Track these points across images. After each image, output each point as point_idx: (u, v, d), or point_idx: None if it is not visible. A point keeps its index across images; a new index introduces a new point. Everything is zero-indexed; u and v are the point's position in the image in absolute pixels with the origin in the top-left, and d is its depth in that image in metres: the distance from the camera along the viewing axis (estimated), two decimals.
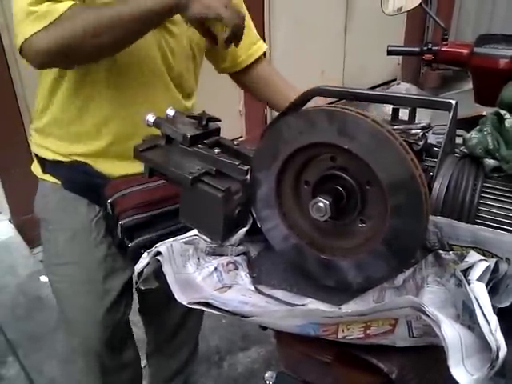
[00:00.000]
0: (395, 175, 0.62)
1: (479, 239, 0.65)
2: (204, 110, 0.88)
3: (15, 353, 1.91)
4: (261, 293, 0.76)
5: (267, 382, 0.80)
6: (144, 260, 0.76)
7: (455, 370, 0.50)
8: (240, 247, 0.82)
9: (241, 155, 0.81)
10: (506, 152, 0.69)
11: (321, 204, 0.66)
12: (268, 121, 3.34)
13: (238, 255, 0.82)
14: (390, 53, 1.35)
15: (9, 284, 2.23)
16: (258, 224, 0.80)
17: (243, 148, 0.83)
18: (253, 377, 1.91)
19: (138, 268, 0.76)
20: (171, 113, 0.87)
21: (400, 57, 4.01)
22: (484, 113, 1.03)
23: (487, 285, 0.58)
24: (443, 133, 0.72)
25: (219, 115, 0.87)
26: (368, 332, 0.59)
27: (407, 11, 1.39)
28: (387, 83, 4.33)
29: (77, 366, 1.35)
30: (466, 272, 0.60)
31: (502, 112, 0.73)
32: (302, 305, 0.72)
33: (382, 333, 0.58)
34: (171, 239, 0.78)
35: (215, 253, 0.81)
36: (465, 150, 0.74)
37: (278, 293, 0.76)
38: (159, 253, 0.74)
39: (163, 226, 0.86)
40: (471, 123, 0.79)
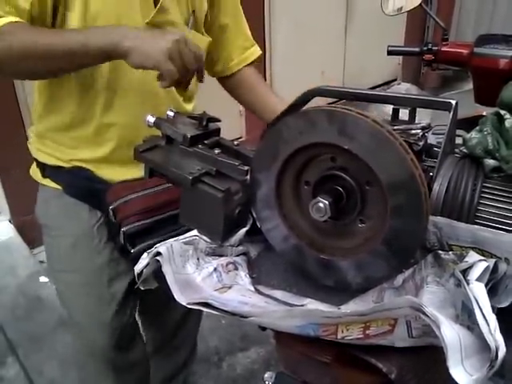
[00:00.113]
0: (395, 175, 0.62)
1: (479, 239, 0.65)
2: (204, 111, 0.88)
3: (15, 353, 1.91)
4: (260, 293, 0.76)
5: (266, 383, 0.79)
6: (144, 260, 0.76)
7: (454, 371, 0.50)
8: (240, 247, 0.82)
9: (241, 155, 0.81)
10: (506, 152, 0.69)
11: (321, 204, 0.66)
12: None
13: (238, 255, 0.82)
14: (390, 53, 1.35)
15: (9, 284, 2.23)
16: (258, 224, 0.80)
17: (243, 148, 0.83)
18: (252, 377, 1.91)
19: (138, 269, 0.76)
20: (171, 113, 0.87)
21: (400, 57, 4.02)
22: (484, 113, 1.03)
23: (486, 285, 0.59)
24: (443, 133, 0.72)
25: (219, 115, 0.87)
26: (367, 332, 0.59)
27: (407, 11, 1.39)
28: (387, 83, 4.33)
29: (86, 370, 1.36)
30: (466, 272, 0.60)
31: (502, 112, 0.73)
32: (302, 305, 0.72)
33: (382, 333, 0.58)
34: (171, 239, 0.78)
35: (215, 253, 0.81)
36: (465, 150, 0.74)
37: (278, 293, 0.76)
38: (159, 253, 0.74)
39: (165, 231, 0.86)
40: (471, 123, 0.79)
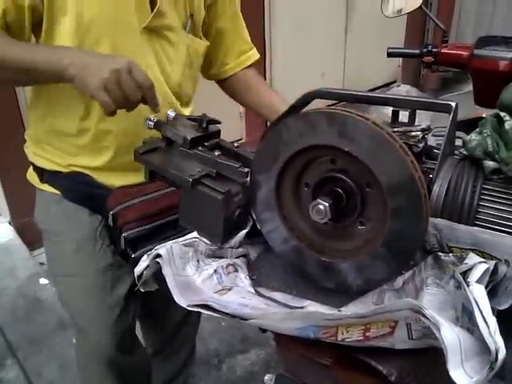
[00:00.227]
0: (395, 177, 0.62)
1: (479, 241, 0.65)
2: (204, 113, 0.88)
3: (15, 355, 1.91)
4: (260, 295, 0.76)
5: None
6: (143, 262, 0.76)
7: (455, 373, 0.50)
8: (240, 249, 0.82)
9: (241, 157, 0.81)
10: (506, 154, 0.69)
11: (321, 206, 0.66)
12: (268, 123, 3.33)
13: (238, 257, 0.82)
14: (390, 55, 1.35)
15: (8, 286, 2.23)
16: (258, 226, 0.80)
17: (243, 150, 0.83)
18: (252, 379, 1.91)
19: (138, 270, 0.76)
20: (172, 115, 0.87)
21: (400, 59, 4.02)
22: (484, 115, 1.03)
23: (486, 287, 0.59)
24: (443, 135, 0.72)
25: (219, 117, 0.87)
26: (367, 334, 0.59)
27: (407, 13, 1.39)
28: (387, 85, 4.33)
29: (87, 371, 1.35)
30: (466, 274, 0.60)
31: (502, 114, 0.73)
32: (302, 307, 0.72)
33: (382, 335, 0.58)
34: (171, 241, 0.78)
35: (215, 255, 0.81)
36: (464, 152, 0.74)
37: (278, 295, 0.76)
38: (159, 255, 0.74)
39: (166, 236, 0.86)
40: (471, 125, 0.79)
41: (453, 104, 0.69)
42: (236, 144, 0.85)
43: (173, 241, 0.78)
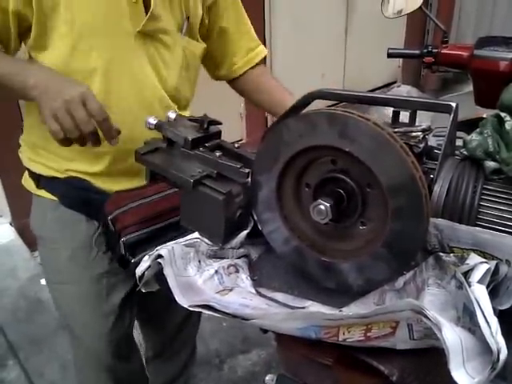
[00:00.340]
0: (396, 177, 0.62)
1: (480, 241, 0.65)
2: (205, 113, 0.88)
3: (16, 356, 1.91)
4: (262, 295, 0.76)
5: None
6: (145, 263, 0.76)
7: (456, 373, 0.50)
8: (241, 250, 0.82)
9: (242, 158, 0.81)
10: (506, 154, 0.69)
11: (322, 206, 0.66)
12: (269, 123, 3.34)
13: (239, 258, 0.82)
14: (391, 55, 1.35)
15: (9, 287, 2.23)
16: (259, 227, 0.80)
17: (244, 151, 0.83)
18: (253, 380, 1.91)
19: (139, 271, 0.76)
20: (172, 115, 0.87)
21: (400, 59, 4.02)
22: (484, 115, 1.03)
23: (488, 287, 0.59)
24: (444, 135, 0.72)
25: (220, 118, 0.87)
26: (369, 334, 0.59)
27: (407, 14, 1.39)
28: (388, 86, 4.33)
29: (83, 374, 1.35)
30: (467, 274, 0.60)
31: (503, 114, 0.74)
32: (303, 307, 0.72)
33: (383, 335, 0.58)
34: (172, 242, 0.78)
35: (216, 255, 0.81)
36: (465, 153, 0.74)
37: (279, 295, 0.76)
38: (160, 256, 0.74)
39: (166, 239, 0.86)
40: (471, 125, 0.79)
41: (453, 104, 0.69)
42: (236, 144, 0.85)
43: (174, 241, 0.78)
